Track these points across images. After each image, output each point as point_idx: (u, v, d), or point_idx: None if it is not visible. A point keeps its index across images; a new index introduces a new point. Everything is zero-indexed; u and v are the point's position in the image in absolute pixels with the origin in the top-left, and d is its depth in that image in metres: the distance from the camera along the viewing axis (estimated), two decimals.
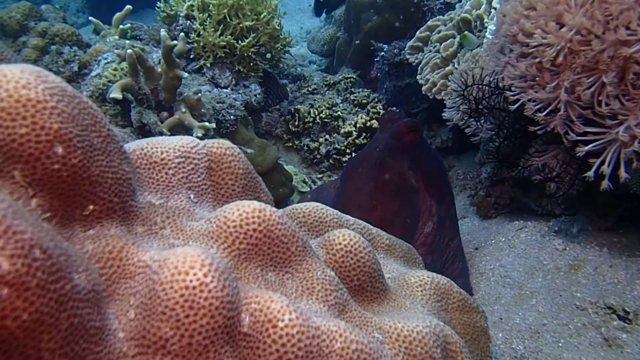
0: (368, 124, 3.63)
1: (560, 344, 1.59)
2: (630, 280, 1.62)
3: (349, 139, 3.63)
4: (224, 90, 2.88)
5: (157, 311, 0.67)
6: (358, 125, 3.63)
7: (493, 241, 2.14)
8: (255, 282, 0.88)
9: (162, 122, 2.18)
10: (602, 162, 1.28)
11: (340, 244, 1.09)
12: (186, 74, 2.13)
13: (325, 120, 3.79)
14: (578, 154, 1.31)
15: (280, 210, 0.96)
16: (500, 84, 1.55)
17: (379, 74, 4.25)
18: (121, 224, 0.82)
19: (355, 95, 4.02)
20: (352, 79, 4.21)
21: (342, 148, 3.64)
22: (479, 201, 2.72)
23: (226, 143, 1.10)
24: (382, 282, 1.13)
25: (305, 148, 3.83)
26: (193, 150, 1.04)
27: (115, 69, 2.40)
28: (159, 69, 2.20)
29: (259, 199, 1.15)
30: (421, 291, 1.18)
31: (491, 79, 1.61)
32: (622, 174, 1.24)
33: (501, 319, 1.77)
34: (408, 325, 0.96)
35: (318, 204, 1.39)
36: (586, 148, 1.31)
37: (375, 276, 1.11)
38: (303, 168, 3.85)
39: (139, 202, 0.89)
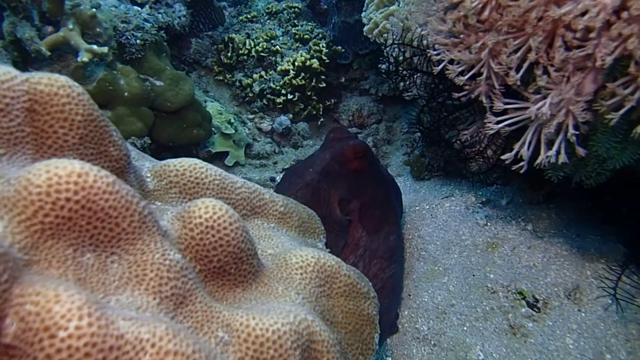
0: (308, 63, 3.41)
1: (465, 328, 1.56)
2: (546, 264, 1.59)
3: (286, 78, 3.41)
4: (135, 7, 2.57)
5: None
6: (296, 64, 3.40)
7: (417, 208, 2.07)
8: (60, 268, 0.73)
9: (42, 39, 1.90)
10: (523, 144, 1.18)
11: (200, 217, 0.94)
12: None
13: (262, 54, 3.54)
14: (490, 130, 1.20)
15: (112, 176, 0.79)
16: (425, 41, 1.39)
17: (327, 6, 3.98)
18: None
19: (297, 28, 3.75)
20: (297, 9, 3.92)
21: (278, 88, 3.42)
22: (413, 161, 2.64)
23: (60, 79, 0.90)
24: (252, 264, 1.00)
25: (238, 84, 3.58)
26: (4, 85, 0.84)
27: None
28: None
29: (105, 153, 0.97)
30: (300, 274, 1.07)
31: (416, 34, 1.45)
32: (542, 156, 1.14)
33: (409, 295, 1.72)
34: (264, 321, 0.84)
35: (197, 160, 1.22)
36: (499, 126, 1.20)
37: (242, 257, 0.97)
38: (233, 106, 3.62)
39: None
